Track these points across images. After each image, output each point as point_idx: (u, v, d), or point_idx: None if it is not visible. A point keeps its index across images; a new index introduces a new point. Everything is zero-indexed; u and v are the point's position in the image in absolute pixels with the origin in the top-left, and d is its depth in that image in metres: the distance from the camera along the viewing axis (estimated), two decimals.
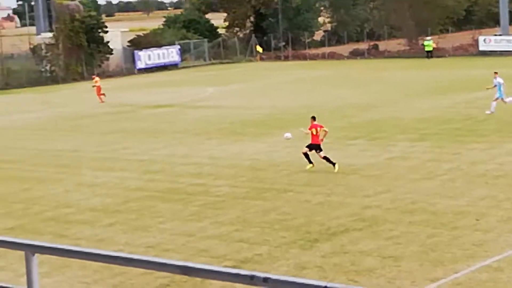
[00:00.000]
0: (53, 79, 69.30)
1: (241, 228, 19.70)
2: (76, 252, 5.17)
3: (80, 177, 27.55)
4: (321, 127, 26.52)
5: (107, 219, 21.38)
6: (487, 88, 38.13)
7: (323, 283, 3.92)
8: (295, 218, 20.40)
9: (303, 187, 23.95)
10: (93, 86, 52.71)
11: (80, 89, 61.46)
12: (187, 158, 29.71)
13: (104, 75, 71.38)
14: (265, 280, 4.03)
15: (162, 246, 18.59)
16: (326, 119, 38.18)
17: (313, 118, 27.05)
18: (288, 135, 28.10)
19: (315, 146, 26.17)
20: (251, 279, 4.08)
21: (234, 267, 15.81)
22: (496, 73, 37.44)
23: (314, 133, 26.36)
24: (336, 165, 25.60)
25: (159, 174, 27.24)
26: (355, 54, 78.01)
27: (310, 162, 26.12)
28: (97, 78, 53.85)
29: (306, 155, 26.15)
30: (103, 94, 51.71)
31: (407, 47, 78.55)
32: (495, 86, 36.69)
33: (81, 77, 69.14)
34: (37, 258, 5.05)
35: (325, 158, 25.89)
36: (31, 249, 5.06)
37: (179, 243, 18.81)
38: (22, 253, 5.21)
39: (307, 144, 26.41)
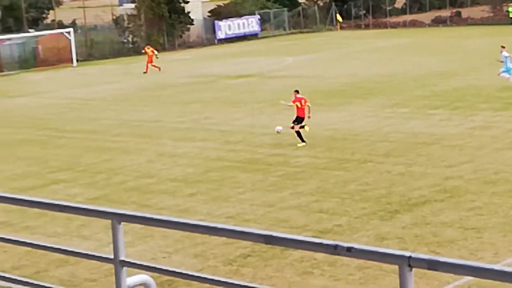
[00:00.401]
0: (135, 50, 70.08)
1: (321, 199, 19.68)
2: (162, 221, 5.23)
3: (162, 147, 27.88)
4: (305, 100, 26.48)
5: (188, 189, 21.62)
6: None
7: (407, 253, 3.88)
8: (375, 188, 20.28)
9: (384, 157, 23.75)
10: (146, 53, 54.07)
11: (161, 60, 62.04)
12: (266, 129, 29.74)
13: (185, 45, 71.97)
14: (349, 249, 4.00)
15: (242, 216, 18.72)
16: (407, 88, 37.77)
17: (297, 91, 27.06)
18: (279, 128, 28.05)
19: (300, 119, 26.01)
20: (334, 248, 4.07)
21: (313, 237, 15.85)
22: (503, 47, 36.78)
23: (299, 106, 26.34)
24: (303, 144, 25.54)
25: (239, 144, 27.37)
26: (437, 22, 76.62)
27: (303, 140, 25.91)
28: (150, 49, 55.02)
29: (298, 133, 26.06)
30: (156, 66, 52.43)
31: (491, 14, 76.80)
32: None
33: (163, 48, 69.71)
34: (123, 226, 5.13)
35: (297, 132, 25.77)
36: (117, 218, 5.14)
37: (259, 213, 18.91)
38: (106, 223, 5.30)
39: (293, 119, 26.30)
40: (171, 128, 31.66)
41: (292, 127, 26.25)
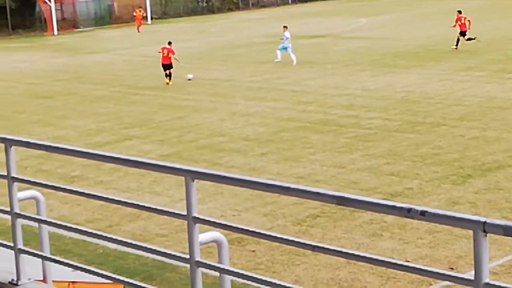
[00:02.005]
0: (209, 9, 70.25)
1: (392, 161, 19.55)
2: (236, 180, 5.27)
3: (234, 106, 27.99)
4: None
5: (259, 149, 21.69)
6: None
7: (482, 219, 3.84)
8: (448, 152, 20.03)
9: (457, 121, 23.42)
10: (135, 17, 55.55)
11: (235, 19, 62.07)
12: (339, 90, 29.60)
13: (259, 5, 71.77)
14: (422, 213, 3.97)
15: (312, 177, 18.72)
16: (481, 51, 37.04)
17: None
18: (190, 76, 28.47)
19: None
20: (408, 212, 4.05)
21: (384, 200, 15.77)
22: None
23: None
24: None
25: (311, 105, 27.30)
26: None
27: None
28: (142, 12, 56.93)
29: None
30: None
31: None
32: None
33: (236, 7, 69.72)
34: (196, 183, 5.18)
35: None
36: (191, 175, 5.20)
37: (329, 174, 18.89)
38: (177, 179, 5.37)
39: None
40: (243, 87, 31.73)
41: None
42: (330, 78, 32.39)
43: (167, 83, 33.69)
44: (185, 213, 5.26)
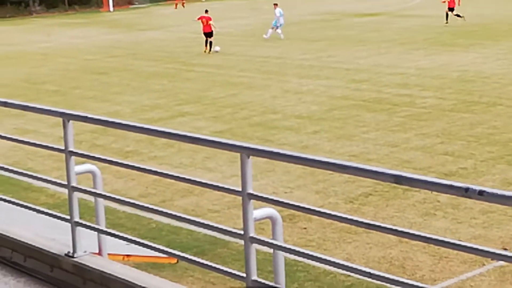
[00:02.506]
0: None
1: (446, 141, 19.36)
2: (292, 157, 5.28)
3: (286, 83, 27.95)
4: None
5: (312, 127, 21.65)
6: None
7: None
8: (504, 132, 19.77)
9: None
10: None
11: None
12: (393, 68, 29.36)
13: None
14: (481, 193, 3.93)
15: (365, 155, 18.64)
16: None
17: (206, 11, 33.80)
18: (217, 48, 29.39)
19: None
20: (465, 191, 4.00)
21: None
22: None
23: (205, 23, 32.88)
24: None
25: (365, 83, 27.14)
26: None
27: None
28: None
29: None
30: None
31: None
32: None
33: None
34: (251, 160, 5.20)
35: None
36: (247, 152, 5.21)
37: (382, 153, 18.79)
38: (230, 156, 5.39)
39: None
40: (295, 65, 31.66)
41: None
42: (383, 57, 32.13)
43: (205, 51, 34.14)
44: (240, 189, 5.29)
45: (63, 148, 6.38)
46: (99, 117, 6.40)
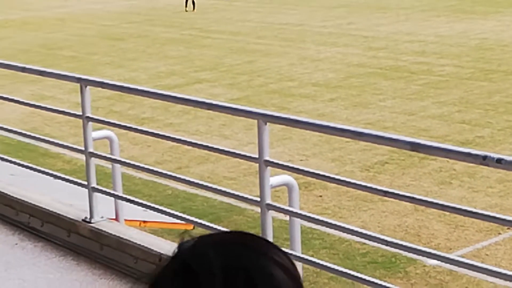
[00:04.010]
0: None
1: (463, 109, 19.26)
2: (309, 124, 5.27)
3: (304, 51, 27.83)
4: None
5: (329, 94, 21.58)
6: None
7: None
8: None
9: None
10: None
11: None
12: (411, 36, 29.17)
13: None
14: (499, 161, 3.91)
15: (381, 123, 18.58)
16: None
17: None
18: None
19: None
20: (483, 159, 3.99)
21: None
22: None
23: None
24: None
25: (383, 51, 26.98)
26: None
27: None
28: None
29: None
30: None
31: None
32: None
33: None
34: (268, 127, 5.19)
35: None
36: (264, 118, 5.21)
37: (399, 121, 18.72)
38: (246, 123, 5.39)
39: None
40: (314, 32, 31.50)
41: None
42: (402, 24, 31.91)
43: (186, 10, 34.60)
44: (256, 156, 5.29)
45: (80, 114, 6.40)
46: (116, 83, 6.40)
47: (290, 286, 1.28)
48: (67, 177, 7.32)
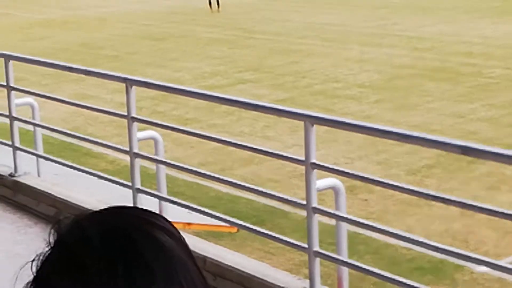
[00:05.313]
0: None
1: None
2: (357, 126, 5.13)
3: (348, 51, 27.61)
4: None
5: (374, 96, 21.34)
6: None
7: None
8: None
9: None
10: None
11: None
12: (457, 37, 28.79)
13: None
14: None
15: (428, 126, 18.29)
16: None
17: None
18: None
19: None
20: None
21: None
22: None
23: None
24: None
25: (428, 52, 26.65)
26: None
27: None
28: None
29: None
30: None
31: None
32: None
33: None
34: (315, 128, 5.06)
35: None
36: (311, 120, 5.08)
37: (446, 124, 18.42)
38: (291, 125, 5.26)
39: None
40: (357, 32, 31.24)
41: None
42: (447, 25, 31.53)
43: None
44: (303, 158, 5.15)
45: (125, 114, 6.30)
46: (162, 83, 6.30)
47: (175, 247, 1.19)
48: (111, 177, 7.23)
